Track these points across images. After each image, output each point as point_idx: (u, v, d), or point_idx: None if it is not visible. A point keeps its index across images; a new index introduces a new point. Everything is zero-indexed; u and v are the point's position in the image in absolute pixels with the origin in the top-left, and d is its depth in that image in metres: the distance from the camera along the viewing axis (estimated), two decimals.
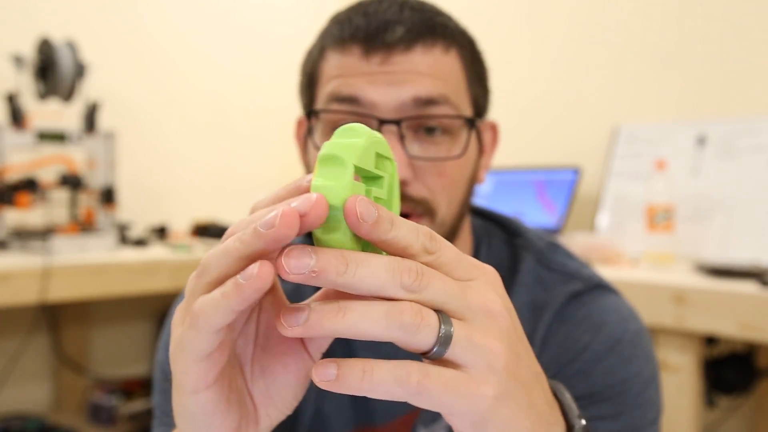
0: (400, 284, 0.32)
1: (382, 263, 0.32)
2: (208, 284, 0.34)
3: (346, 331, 0.32)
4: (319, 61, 0.66)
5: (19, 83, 1.73)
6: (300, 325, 0.32)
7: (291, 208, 0.31)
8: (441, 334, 0.33)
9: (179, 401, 0.37)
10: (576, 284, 0.68)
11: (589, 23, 1.97)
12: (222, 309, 0.32)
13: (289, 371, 0.39)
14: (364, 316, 0.32)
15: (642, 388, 0.65)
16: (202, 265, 0.35)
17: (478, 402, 0.33)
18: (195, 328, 0.34)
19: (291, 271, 0.31)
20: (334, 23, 0.65)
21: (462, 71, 0.65)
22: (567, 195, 1.78)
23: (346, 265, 0.31)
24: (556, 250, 0.71)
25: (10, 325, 1.91)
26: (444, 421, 0.67)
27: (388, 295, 0.32)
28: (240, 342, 0.39)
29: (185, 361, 0.35)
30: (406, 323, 0.32)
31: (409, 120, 0.61)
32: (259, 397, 0.39)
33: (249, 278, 0.31)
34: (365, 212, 0.32)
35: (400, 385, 0.32)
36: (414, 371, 0.32)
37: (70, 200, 1.77)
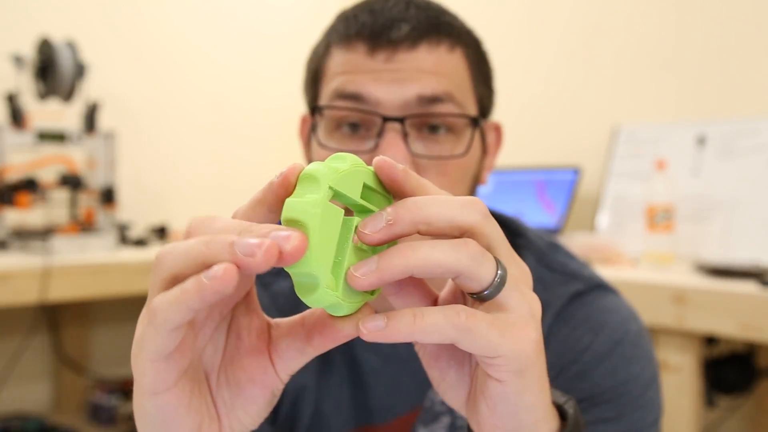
0: (475, 209, 0.35)
1: (450, 197, 0.35)
2: (165, 281, 0.33)
3: (419, 263, 0.33)
4: (324, 58, 0.66)
5: (19, 83, 1.73)
6: (374, 271, 0.33)
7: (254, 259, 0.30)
8: (499, 273, 0.35)
9: (137, 402, 0.36)
10: (577, 284, 0.68)
11: (589, 23, 1.97)
12: (180, 306, 0.31)
13: (255, 385, 0.38)
14: (434, 249, 0.33)
15: (643, 390, 0.65)
16: (157, 259, 0.34)
17: (524, 343, 0.35)
18: (153, 325, 0.32)
19: (371, 233, 0.33)
20: (340, 20, 0.65)
21: (467, 70, 0.65)
22: (567, 195, 1.78)
23: (416, 204, 0.34)
24: (556, 250, 0.71)
25: (10, 325, 1.91)
26: (444, 420, 0.66)
27: (464, 220, 0.34)
28: (208, 349, 0.38)
29: (143, 361, 0.34)
30: (473, 253, 0.33)
31: (412, 118, 0.61)
32: (222, 408, 0.38)
33: (212, 279, 0.30)
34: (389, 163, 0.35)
35: (449, 323, 0.33)
36: (461, 310, 0.33)
37: (70, 200, 1.77)
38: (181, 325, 0.33)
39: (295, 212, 0.32)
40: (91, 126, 1.75)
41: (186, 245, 0.33)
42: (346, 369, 0.69)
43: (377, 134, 0.61)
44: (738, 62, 1.67)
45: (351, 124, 0.63)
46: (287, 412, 0.69)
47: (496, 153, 0.73)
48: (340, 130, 0.63)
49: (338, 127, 0.63)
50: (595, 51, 1.95)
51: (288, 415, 0.69)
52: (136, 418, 0.37)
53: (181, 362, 0.35)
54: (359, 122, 0.62)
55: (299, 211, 0.32)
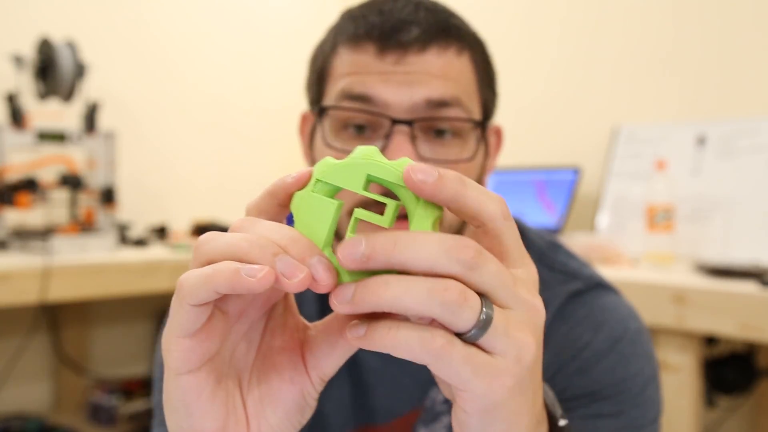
0: (456, 259, 0.32)
1: (436, 238, 0.32)
2: (200, 263, 0.35)
3: (389, 304, 0.32)
4: (330, 57, 0.65)
5: (19, 83, 1.73)
6: (348, 301, 0.32)
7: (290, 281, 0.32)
8: (481, 318, 0.32)
9: (165, 387, 0.37)
10: (577, 283, 0.68)
11: (589, 23, 1.97)
12: (207, 284, 0.33)
13: (284, 382, 0.38)
14: (407, 291, 0.31)
15: (642, 387, 0.65)
16: (198, 243, 0.35)
17: (496, 388, 0.33)
18: (177, 299, 0.34)
19: (345, 260, 0.32)
20: (347, 19, 0.65)
21: (473, 74, 0.65)
22: (567, 195, 1.78)
23: (395, 244, 0.32)
24: (557, 250, 0.71)
25: (10, 325, 1.91)
26: (444, 420, 0.67)
27: (442, 270, 0.32)
28: (242, 347, 0.39)
29: (169, 336, 0.35)
30: (449, 300, 0.31)
31: (421, 121, 0.61)
32: (252, 408, 0.38)
33: (249, 276, 0.32)
34: (423, 173, 0.33)
35: (422, 346, 0.32)
36: (439, 336, 0.32)
37: (70, 200, 1.77)
38: (203, 303, 0.34)
39: (291, 205, 0.36)
40: (91, 126, 1.75)
41: (229, 237, 0.34)
42: (346, 369, 0.70)
43: (385, 136, 0.61)
44: (738, 62, 1.68)
45: (357, 125, 0.63)
46: None
47: (496, 155, 0.73)
48: (347, 130, 0.63)
49: (345, 127, 0.63)
50: (595, 51, 1.95)
51: None
52: (165, 404, 0.38)
53: (207, 345, 0.35)
54: (366, 123, 0.62)
55: (292, 202, 0.36)
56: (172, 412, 0.37)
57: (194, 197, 2.32)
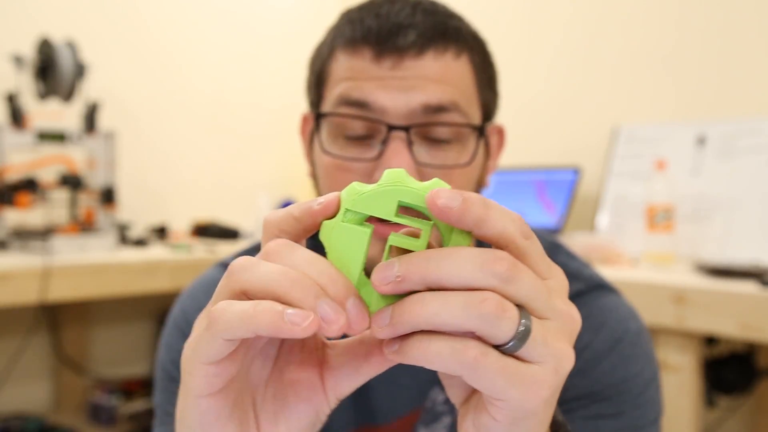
0: (491, 272, 0.32)
1: (469, 253, 0.32)
2: (233, 292, 0.34)
3: (427, 322, 0.32)
4: (328, 61, 0.65)
5: (19, 83, 1.73)
6: (387, 325, 0.32)
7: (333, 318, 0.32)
8: (520, 330, 0.32)
9: (182, 404, 0.36)
10: (577, 284, 0.68)
11: (589, 23, 1.97)
12: (248, 326, 0.32)
13: (300, 401, 0.38)
14: (444, 306, 0.31)
15: (643, 388, 0.65)
16: (233, 270, 0.34)
17: (532, 398, 0.32)
18: (210, 332, 0.33)
19: (380, 284, 0.32)
20: (345, 22, 0.65)
21: (472, 76, 0.65)
22: (567, 195, 1.78)
23: (429, 262, 0.32)
24: (558, 251, 0.71)
25: (10, 325, 1.91)
26: (445, 421, 0.67)
27: (478, 285, 0.32)
28: (257, 362, 0.38)
29: (194, 363, 0.34)
30: (487, 313, 0.31)
31: (417, 127, 0.61)
32: (265, 423, 0.38)
33: (293, 324, 0.31)
34: (446, 198, 0.32)
35: (456, 357, 0.31)
36: (472, 347, 0.32)
37: (70, 200, 1.77)
38: (238, 339, 0.33)
39: (321, 233, 0.35)
40: (91, 126, 1.75)
41: (268, 269, 0.33)
42: None
43: (382, 142, 0.61)
44: (738, 62, 1.68)
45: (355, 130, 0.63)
46: None
47: (499, 155, 0.73)
48: (344, 135, 0.63)
49: (342, 132, 0.63)
50: (595, 51, 1.95)
51: None
52: (178, 419, 0.37)
53: (231, 369, 0.35)
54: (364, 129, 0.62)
55: (321, 232, 0.35)
56: (186, 430, 0.37)
57: (194, 197, 2.32)
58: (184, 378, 0.36)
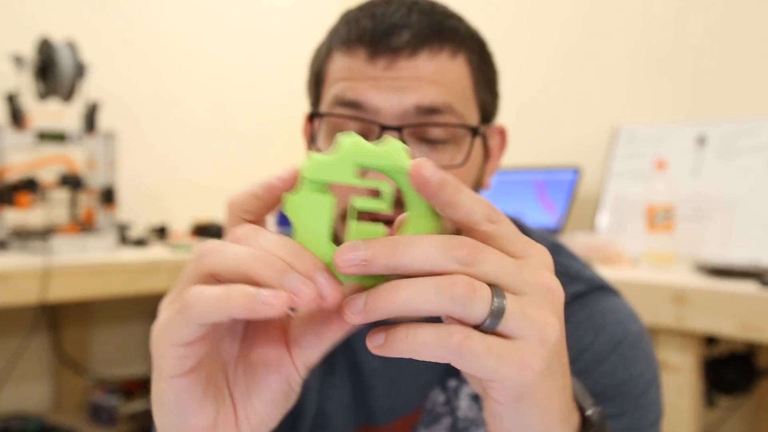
0: (453, 258, 0.33)
1: (432, 240, 0.33)
2: (202, 275, 0.35)
3: (401, 309, 0.32)
4: (325, 61, 0.65)
5: (19, 83, 1.73)
6: (361, 311, 0.33)
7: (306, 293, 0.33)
8: (494, 307, 0.33)
9: (156, 387, 0.37)
10: (578, 285, 0.68)
11: (590, 23, 1.97)
12: (222, 309, 0.33)
13: (270, 371, 0.38)
14: (417, 293, 0.32)
15: (644, 389, 0.65)
16: (202, 253, 0.35)
17: (525, 373, 0.33)
18: (183, 316, 0.34)
19: (344, 265, 0.33)
20: (342, 23, 0.65)
21: (469, 77, 0.64)
22: (567, 195, 1.78)
23: (395, 248, 0.33)
24: (559, 251, 0.71)
25: (10, 325, 1.91)
26: (444, 422, 0.67)
27: (441, 270, 0.33)
28: (227, 341, 0.39)
29: (165, 345, 0.35)
30: (458, 295, 0.32)
31: (410, 127, 0.61)
32: (239, 397, 0.39)
33: (266, 304, 0.32)
34: (429, 172, 0.33)
35: (441, 344, 0.32)
36: (455, 332, 0.32)
37: (70, 200, 1.77)
38: (212, 323, 0.34)
39: (284, 207, 0.36)
40: (91, 126, 1.75)
41: (235, 251, 0.34)
42: (347, 370, 0.70)
43: None
44: (738, 62, 1.67)
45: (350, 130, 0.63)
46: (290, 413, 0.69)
47: (500, 156, 0.73)
48: None
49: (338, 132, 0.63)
50: (595, 51, 1.95)
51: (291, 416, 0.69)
52: (153, 402, 0.38)
53: (202, 349, 0.36)
54: (357, 129, 0.62)
55: (285, 206, 0.36)
56: (163, 412, 0.38)
57: (194, 197, 2.32)
58: (156, 360, 0.36)
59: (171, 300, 0.36)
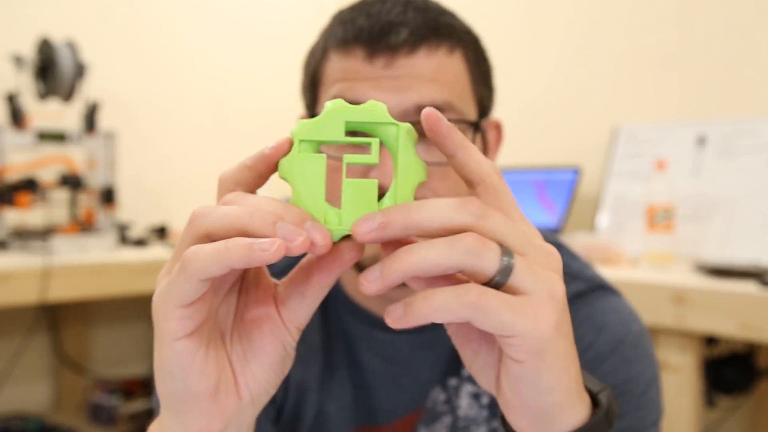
0: (466, 211, 0.35)
1: (443, 199, 0.35)
2: (198, 236, 0.36)
3: (417, 267, 0.34)
4: (321, 62, 0.65)
5: (19, 83, 1.73)
6: (378, 277, 0.34)
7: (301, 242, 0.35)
8: (503, 260, 0.34)
9: (158, 351, 0.38)
10: (578, 284, 0.68)
11: (590, 23, 1.97)
12: (222, 262, 0.34)
13: (264, 335, 0.40)
14: (430, 250, 0.34)
15: (644, 390, 0.65)
16: (195, 216, 0.36)
17: (542, 325, 0.34)
18: (184, 274, 0.35)
19: (363, 234, 0.35)
20: (337, 23, 0.65)
21: (466, 73, 0.64)
22: (567, 195, 1.78)
23: (409, 209, 0.35)
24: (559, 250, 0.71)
25: (10, 325, 1.91)
26: (445, 421, 0.67)
27: (456, 223, 0.35)
28: (222, 309, 0.40)
29: (168, 307, 0.36)
30: (470, 246, 0.34)
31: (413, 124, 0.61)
32: (237, 363, 0.40)
33: (263, 250, 0.33)
34: (439, 118, 0.37)
35: (459, 301, 0.33)
36: (471, 288, 0.34)
37: (70, 200, 1.77)
38: (213, 277, 0.35)
39: (280, 171, 0.37)
40: (91, 126, 1.75)
41: (226, 209, 0.36)
42: (347, 370, 0.70)
43: None
44: (738, 62, 1.68)
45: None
46: (291, 413, 0.69)
47: (497, 150, 0.73)
48: None
49: None
50: (595, 51, 1.95)
51: (291, 415, 0.69)
52: (156, 371, 0.39)
53: (202, 311, 0.37)
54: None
55: (281, 170, 0.37)
56: (166, 377, 0.38)
57: (194, 197, 2.32)
58: (157, 325, 0.37)
59: (168, 269, 0.38)
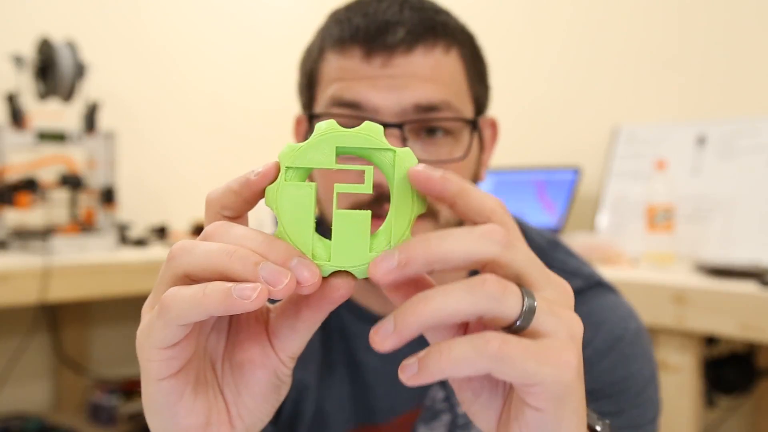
0: (491, 240, 0.32)
1: (465, 229, 0.32)
2: (176, 277, 0.34)
3: (435, 318, 0.31)
4: (318, 62, 0.65)
5: (19, 83, 1.73)
6: (391, 333, 0.31)
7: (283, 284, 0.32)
8: (526, 303, 0.32)
9: (145, 391, 0.36)
10: (576, 282, 0.68)
11: (590, 23, 1.97)
12: (200, 308, 0.32)
13: (256, 366, 0.38)
14: (448, 297, 0.31)
15: (642, 387, 0.65)
16: (173, 254, 0.34)
17: (564, 369, 0.32)
18: (163, 319, 0.33)
19: (382, 276, 0.32)
20: (333, 22, 0.65)
21: (463, 71, 0.65)
22: (567, 195, 1.78)
23: (429, 242, 0.32)
24: (557, 248, 0.71)
25: (10, 325, 1.91)
26: (444, 419, 0.67)
27: (482, 254, 0.32)
28: (212, 336, 0.39)
29: (149, 349, 0.34)
30: (492, 293, 0.31)
31: (410, 123, 0.61)
32: (230, 394, 0.38)
33: (243, 297, 0.31)
34: (427, 169, 0.33)
35: (479, 354, 0.31)
36: (492, 338, 0.31)
37: (70, 200, 1.77)
38: (193, 323, 0.33)
39: (266, 200, 0.35)
40: (91, 126, 1.75)
41: (206, 248, 0.34)
42: (346, 369, 0.70)
43: None
44: (738, 62, 1.67)
45: None
46: (289, 412, 0.69)
47: (492, 148, 0.73)
48: None
49: None
50: (595, 51, 1.95)
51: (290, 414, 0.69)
52: (145, 407, 0.37)
53: (188, 350, 0.35)
54: None
55: (267, 199, 0.35)
56: (154, 415, 0.37)
57: (194, 197, 2.32)
58: (142, 364, 0.36)
59: (150, 304, 0.36)
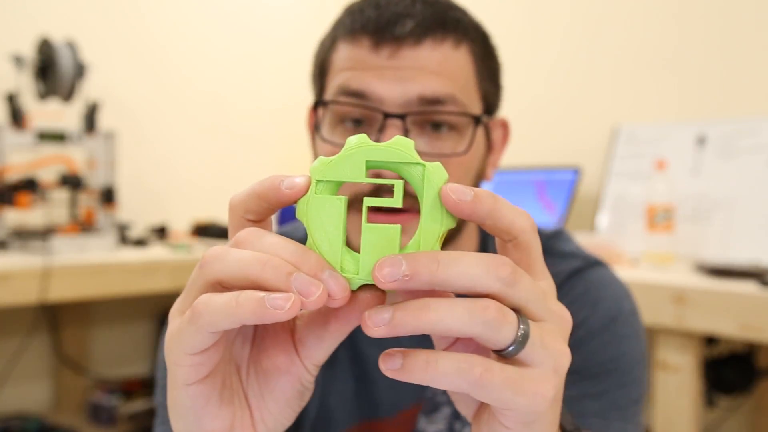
0: (496, 276, 0.32)
1: (475, 257, 0.32)
2: (208, 283, 0.34)
3: (430, 327, 0.32)
4: (330, 51, 0.67)
5: (19, 83, 1.73)
6: (385, 325, 0.32)
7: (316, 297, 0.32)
8: (519, 334, 0.33)
9: (172, 394, 0.37)
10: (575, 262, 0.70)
11: (590, 23, 1.97)
12: (232, 317, 0.32)
13: (281, 373, 0.38)
14: (448, 312, 0.32)
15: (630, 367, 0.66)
16: (206, 260, 0.34)
17: (538, 401, 0.33)
18: (194, 325, 0.33)
19: (385, 281, 0.32)
20: (346, 14, 0.66)
21: (472, 67, 0.65)
22: (567, 195, 1.78)
23: (438, 263, 0.32)
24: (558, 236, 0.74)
25: (10, 325, 1.91)
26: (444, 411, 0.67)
27: (482, 288, 0.32)
28: (238, 341, 0.39)
29: (179, 354, 0.35)
30: (490, 319, 0.32)
31: (413, 115, 0.62)
32: (254, 399, 0.39)
33: (276, 307, 0.31)
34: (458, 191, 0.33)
35: (461, 377, 0.32)
36: (477, 364, 0.32)
37: (70, 200, 1.77)
38: (223, 330, 0.33)
39: (297, 212, 0.35)
40: (91, 126, 1.75)
41: (239, 256, 0.33)
42: (350, 363, 0.70)
43: (379, 129, 0.62)
44: (738, 62, 1.67)
45: (354, 119, 0.64)
46: None
47: (503, 149, 0.73)
48: (344, 124, 0.65)
49: (342, 121, 0.65)
50: (595, 51, 1.95)
51: None
52: (170, 410, 0.38)
53: (216, 356, 0.36)
54: (362, 118, 0.64)
55: (298, 211, 0.35)
56: (180, 419, 0.37)
57: (194, 197, 2.32)
58: (170, 369, 0.36)
59: (179, 308, 0.36)
